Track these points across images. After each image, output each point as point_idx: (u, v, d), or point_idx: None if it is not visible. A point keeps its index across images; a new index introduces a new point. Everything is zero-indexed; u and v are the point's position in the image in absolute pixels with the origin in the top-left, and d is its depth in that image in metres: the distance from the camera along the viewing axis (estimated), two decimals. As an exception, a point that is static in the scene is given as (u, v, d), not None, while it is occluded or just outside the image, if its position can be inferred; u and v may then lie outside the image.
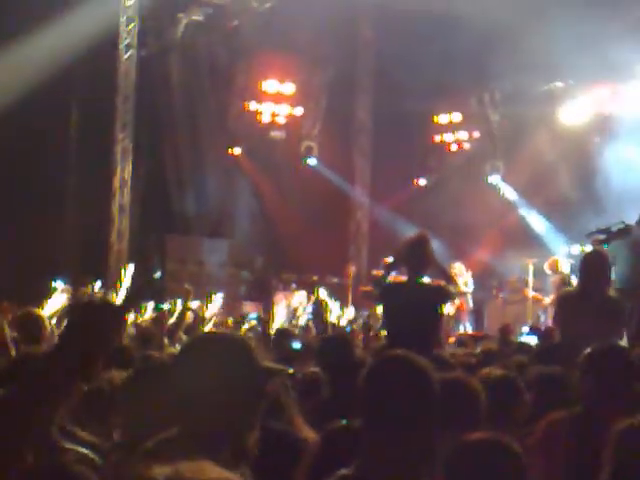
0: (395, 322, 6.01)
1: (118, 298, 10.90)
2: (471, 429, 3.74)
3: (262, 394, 2.51)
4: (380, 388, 2.76)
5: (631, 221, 10.87)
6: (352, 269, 18.99)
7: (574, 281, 14.99)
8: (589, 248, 9.14)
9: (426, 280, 6.83)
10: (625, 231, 10.02)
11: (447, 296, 6.80)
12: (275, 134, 20.87)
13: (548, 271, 15.53)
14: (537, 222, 19.50)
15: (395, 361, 2.84)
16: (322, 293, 15.48)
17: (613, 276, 8.39)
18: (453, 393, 3.63)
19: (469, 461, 2.76)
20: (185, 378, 2.45)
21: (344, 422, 3.20)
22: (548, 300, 15.10)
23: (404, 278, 7.15)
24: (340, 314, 13.41)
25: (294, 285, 18.77)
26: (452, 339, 12.76)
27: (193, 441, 2.28)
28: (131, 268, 14.12)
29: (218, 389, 2.42)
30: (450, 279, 6.90)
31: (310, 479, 3.13)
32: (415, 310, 6.43)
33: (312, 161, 21.21)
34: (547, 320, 14.90)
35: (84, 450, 3.34)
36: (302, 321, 11.47)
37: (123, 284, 13.09)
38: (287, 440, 3.58)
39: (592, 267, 7.00)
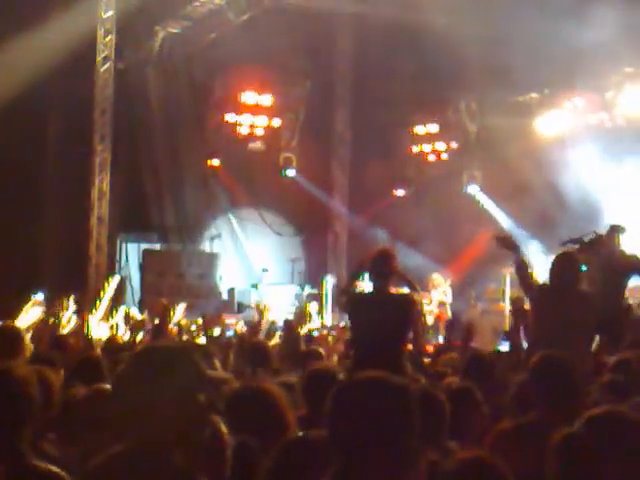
0: (363, 333, 6.05)
1: (99, 310, 10.91)
2: (436, 439, 3.78)
3: (208, 404, 2.53)
4: (347, 411, 2.66)
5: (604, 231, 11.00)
6: (330, 280, 19.00)
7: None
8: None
9: (392, 290, 6.92)
10: (597, 241, 10.15)
11: (413, 304, 6.87)
12: (254, 146, 20.89)
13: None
14: (514, 232, 19.57)
15: (366, 385, 2.73)
16: (312, 308, 15.49)
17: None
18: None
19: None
20: (131, 391, 2.47)
21: (300, 434, 3.19)
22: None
23: (370, 289, 7.22)
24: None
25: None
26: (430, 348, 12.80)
27: (142, 454, 2.30)
28: (115, 280, 14.09)
29: (164, 400, 2.44)
30: (413, 287, 6.97)
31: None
32: (383, 321, 6.49)
33: (291, 172, 21.24)
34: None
35: (53, 467, 3.34)
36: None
37: (105, 296, 13.06)
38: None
39: (561, 268, 7.18)
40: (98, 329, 11.91)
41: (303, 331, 10.45)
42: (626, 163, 15.68)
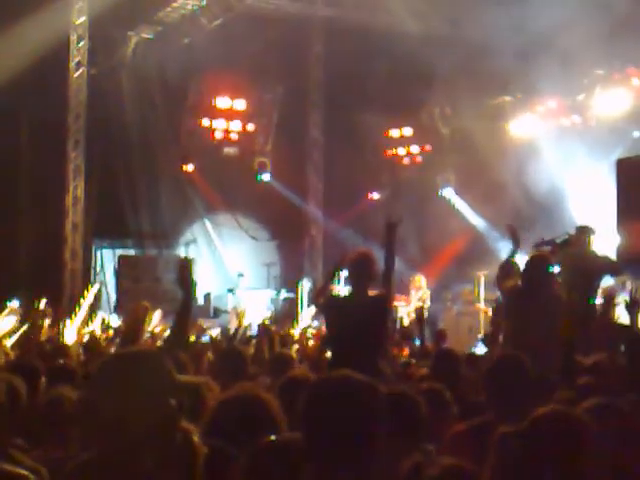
0: (341, 336, 6.08)
1: (78, 317, 10.86)
2: (412, 442, 3.80)
3: (178, 408, 2.54)
4: (321, 411, 2.69)
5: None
6: (306, 284, 19.02)
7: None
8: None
9: (369, 293, 6.94)
10: (569, 242, 10.27)
11: (388, 302, 6.88)
12: (228, 150, 20.89)
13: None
14: (489, 234, 19.70)
15: (338, 383, 2.78)
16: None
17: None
18: (395, 407, 3.66)
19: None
20: (101, 396, 2.48)
21: (272, 438, 3.21)
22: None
23: (347, 292, 7.26)
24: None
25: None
26: (406, 351, 12.84)
27: (112, 460, 2.31)
28: (95, 288, 14.01)
29: (134, 406, 2.45)
30: (389, 291, 6.91)
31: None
32: (361, 323, 6.51)
33: (266, 177, 21.26)
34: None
35: (21, 470, 3.34)
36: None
37: (84, 303, 13.01)
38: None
39: (535, 269, 7.29)
40: (76, 336, 11.85)
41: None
42: (599, 164, 15.81)
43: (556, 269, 10.62)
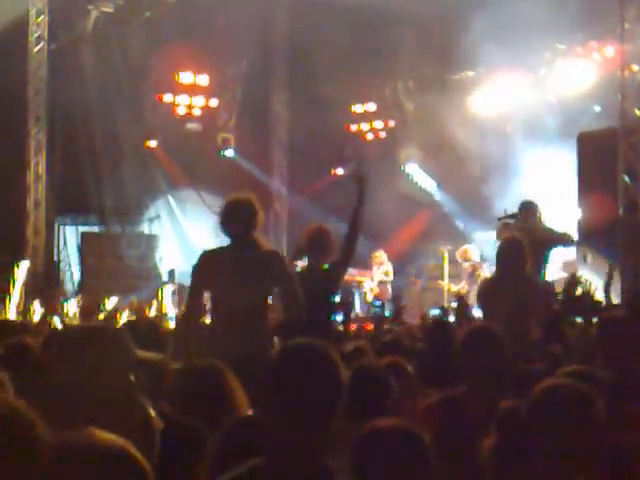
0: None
1: (14, 295, 10.74)
2: (377, 416, 3.83)
3: (137, 384, 2.54)
4: (286, 377, 2.70)
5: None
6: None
7: (485, 268, 15.44)
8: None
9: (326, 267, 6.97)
10: (527, 213, 10.40)
11: (340, 271, 6.92)
12: (191, 126, 20.78)
13: (459, 259, 16.09)
14: (453, 209, 19.80)
15: (300, 350, 2.80)
16: None
17: None
18: (360, 380, 3.68)
19: (377, 447, 2.78)
20: (59, 372, 2.47)
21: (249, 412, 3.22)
22: (457, 288, 15.50)
23: (304, 266, 7.31)
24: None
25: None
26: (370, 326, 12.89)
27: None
28: (24, 265, 13.83)
29: (93, 381, 2.45)
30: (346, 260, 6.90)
31: (214, 474, 3.13)
32: (314, 297, 6.54)
33: (229, 152, 21.17)
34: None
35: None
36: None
37: (17, 281, 12.83)
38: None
39: (507, 254, 7.32)
40: (16, 314, 11.72)
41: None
42: (559, 137, 15.90)
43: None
